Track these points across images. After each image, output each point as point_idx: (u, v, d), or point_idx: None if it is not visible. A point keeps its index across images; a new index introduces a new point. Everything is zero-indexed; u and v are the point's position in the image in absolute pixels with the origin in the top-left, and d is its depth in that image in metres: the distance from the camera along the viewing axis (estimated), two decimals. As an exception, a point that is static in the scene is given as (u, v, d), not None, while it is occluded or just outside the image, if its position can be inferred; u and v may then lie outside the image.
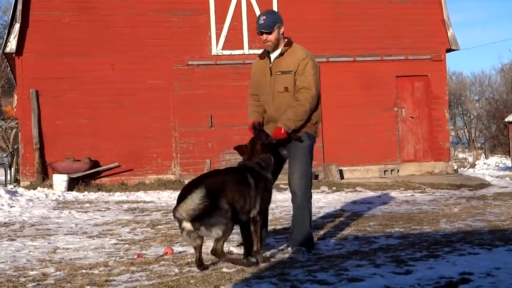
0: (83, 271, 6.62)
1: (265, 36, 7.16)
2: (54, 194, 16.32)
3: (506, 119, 30.08)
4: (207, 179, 6.45)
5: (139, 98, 19.06)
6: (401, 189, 16.49)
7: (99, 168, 18.64)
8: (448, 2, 21.09)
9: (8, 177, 20.04)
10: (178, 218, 6.17)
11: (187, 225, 6.11)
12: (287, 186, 7.77)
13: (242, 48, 19.72)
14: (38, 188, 17.15)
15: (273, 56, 7.28)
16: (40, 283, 6.11)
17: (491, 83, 47.17)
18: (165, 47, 19.31)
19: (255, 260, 6.56)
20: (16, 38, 18.31)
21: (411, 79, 21.13)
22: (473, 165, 25.85)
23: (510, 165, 26.92)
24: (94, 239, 9.07)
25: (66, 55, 18.69)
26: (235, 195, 6.37)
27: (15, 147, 22.05)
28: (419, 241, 7.97)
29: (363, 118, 20.36)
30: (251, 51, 19.19)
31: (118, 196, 16.32)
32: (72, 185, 17.49)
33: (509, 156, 29.56)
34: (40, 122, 18.53)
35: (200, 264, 6.34)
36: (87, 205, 14.13)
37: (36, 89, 18.52)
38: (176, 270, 6.44)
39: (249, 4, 19.82)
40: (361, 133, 20.29)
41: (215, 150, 19.07)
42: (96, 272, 6.57)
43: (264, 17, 7.18)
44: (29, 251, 8.05)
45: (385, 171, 20.41)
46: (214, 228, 6.11)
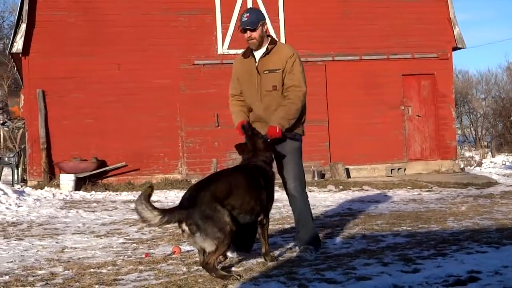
0: (91, 270, 6.64)
1: (249, 34, 7.03)
2: (61, 193, 16.36)
3: (513, 117, 29.97)
4: (215, 184, 6.23)
5: (146, 98, 19.07)
6: (408, 187, 16.48)
7: (106, 168, 18.66)
8: (454, 0, 21.09)
9: (15, 177, 20.06)
10: (180, 220, 5.98)
11: (185, 228, 5.96)
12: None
13: (248, 47, 19.70)
14: (45, 187, 17.19)
15: (258, 54, 7.15)
16: (48, 282, 6.13)
17: (497, 81, 46.97)
18: (171, 46, 19.32)
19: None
20: (23, 38, 18.34)
21: (418, 78, 21.10)
22: (479, 164, 25.72)
23: (517, 163, 26.87)
24: (101, 238, 9.09)
25: (72, 55, 18.71)
26: (245, 198, 6.25)
27: (22, 147, 22.09)
28: (427, 239, 7.97)
29: (369, 117, 20.34)
30: (257, 50, 19.16)
31: (125, 195, 16.35)
32: (79, 184, 17.52)
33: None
34: (47, 122, 18.56)
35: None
36: (94, 204, 14.15)
37: (43, 89, 18.56)
38: (184, 269, 6.44)
39: (254, 3, 19.81)
40: (367, 132, 20.27)
41: (222, 150, 19.04)
42: (104, 271, 6.58)
43: (248, 14, 7.06)
44: (37, 251, 8.08)
45: (391, 169, 20.39)
46: (208, 239, 5.91)
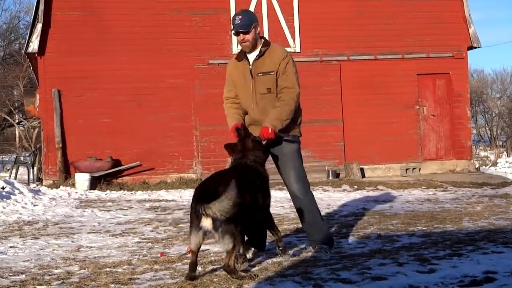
0: (107, 269, 6.65)
1: (242, 36, 6.96)
2: (76, 193, 16.43)
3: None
4: (223, 181, 6.04)
5: (161, 97, 19.12)
6: (423, 187, 16.42)
7: (120, 167, 18.72)
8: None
9: (31, 176, 20.17)
10: (204, 214, 5.74)
11: (207, 223, 5.78)
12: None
13: (262, 46, 19.70)
14: (61, 187, 17.28)
15: (251, 57, 7.09)
16: (64, 281, 6.14)
17: (512, 80, 46.81)
18: (186, 46, 19.36)
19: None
20: (38, 38, 18.43)
21: (433, 77, 21.04)
22: (494, 163, 25.59)
23: (533, 163, 26.71)
24: (117, 237, 9.11)
25: (88, 55, 18.79)
26: (246, 197, 6.18)
27: (38, 146, 22.20)
28: (442, 239, 7.94)
29: (384, 116, 20.30)
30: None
31: (140, 195, 16.39)
32: (94, 184, 17.59)
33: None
34: (62, 122, 18.64)
35: (194, 269, 6.02)
36: (110, 203, 14.19)
37: (58, 88, 18.64)
38: (200, 269, 6.44)
39: (269, 3, 19.81)
40: (382, 132, 20.23)
41: (236, 149, 19.02)
42: (120, 270, 6.60)
43: (240, 16, 6.97)
44: (53, 250, 8.10)
45: (406, 169, 20.34)
46: (227, 235, 5.79)
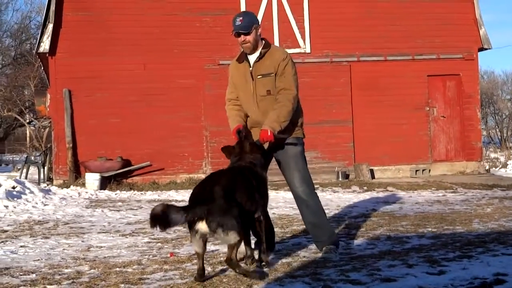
0: (117, 269, 6.67)
1: (243, 38, 7.00)
2: (86, 192, 16.46)
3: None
4: (221, 180, 6.12)
5: (171, 98, 19.16)
6: (433, 189, 16.39)
7: (130, 167, 18.77)
8: (480, 1, 20.96)
9: (42, 176, 20.22)
10: (194, 219, 5.75)
11: (202, 226, 5.76)
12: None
13: (272, 47, 19.71)
14: (71, 186, 17.34)
15: (252, 59, 7.09)
16: (74, 281, 6.16)
17: (523, 82, 46.74)
18: (196, 46, 19.40)
19: (263, 272, 6.19)
20: (49, 38, 18.50)
21: (443, 79, 21.00)
22: (505, 165, 25.54)
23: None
24: (127, 237, 9.13)
25: (98, 55, 18.86)
26: (244, 196, 6.15)
27: (48, 146, 22.25)
28: (452, 241, 7.93)
29: (394, 117, 20.28)
30: (282, 51, 19.18)
31: (149, 195, 16.41)
32: (104, 184, 17.64)
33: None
34: (72, 121, 18.70)
35: (202, 274, 6.01)
36: (120, 203, 14.22)
37: (69, 88, 18.71)
38: (209, 269, 6.46)
39: (279, 4, 19.83)
40: (392, 133, 20.22)
41: (246, 150, 19.02)
42: (129, 270, 6.61)
43: (241, 18, 7.01)
44: (63, 249, 8.13)
45: (416, 170, 20.32)
46: (231, 232, 5.77)
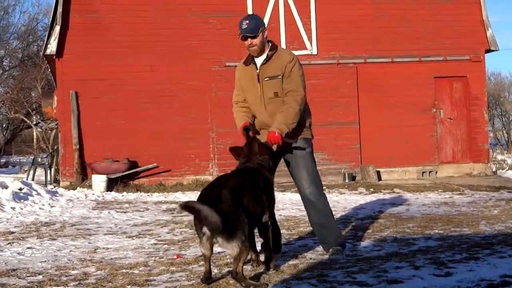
0: (124, 270, 6.68)
1: (249, 41, 7.03)
2: (93, 194, 16.49)
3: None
4: (229, 183, 6.11)
5: (177, 99, 19.18)
6: (440, 190, 16.36)
7: (137, 169, 18.79)
8: (487, 2, 20.92)
9: (48, 178, 20.26)
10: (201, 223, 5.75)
11: (207, 230, 5.72)
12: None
13: (279, 49, 19.71)
14: (78, 188, 17.36)
15: (259, 61, 7.11)
16: (81, 282, 6.17)
17: (530, 84, 46.62)
18: (203, 48, 19.41)
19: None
20: (57, 40, 18.54)
21: (450, 80, 20.97)
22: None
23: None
24: (133, 239, 9.14)
25: (105, 57, 18.89)
26: (252, 200, 6.12)
27: (55, 147, 22.29)
28: (459, 243, 7.91)
29: (401, 119, 20.27)
30: (289, 52, 19.19)
31: (156, 196, 16.42)
32: (111, 185, 17.66)
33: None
34: (79, 123, 18.73)
35: (209, 277, 5.97)
36: (126, 205, 14.23)
37: (76, 90, 18.74)
38: (216, 271, 6.46)
39: (286, 5, 19.83)
40: (398, 135, 20.20)
41: (253, 151, 18.99)
42: (136, 272, 6.62)
43: (247, 21, 7.04)
44: (70, 251, 8.14)
45: (423, 172, 20.30)
46: (232, 240, 5.69)
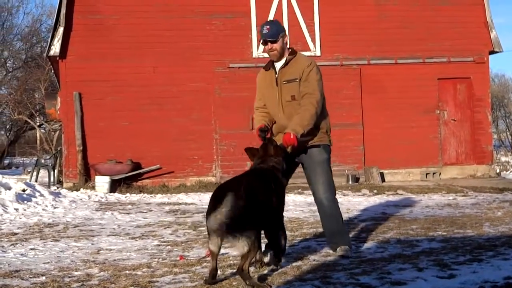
0: (127, 272, 6.67)
1: (270, 45, 7.14)
2: (96, 195, 16.50)
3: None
4: (242, 183, 6.14)
5: (181, 101, 19.20)
6: (443, 192, 16.33)
7: (140, 170, 18.80)
8: (491, 4, 20.91)
9: (52, 179, 20.28)
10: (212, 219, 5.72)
11: (218, 227, 5.68)
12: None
13: (283, 50, 19.72)
14: (81, 189, 17.38)
15: (278, 66, 7.25)
16: (84, 283, 6.17)
17: (534, 85, 46.60)
18: (206, 49, 19.41)
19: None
20: (60, 42, 18.56)
21: (453, 82, 20.96)
22: (516, 169, 25.48)
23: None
24: (136, 240, 9.13)
25: (108, 58, 18.91)
26: (263, 200, 6.16)
27: (58, 149, 22.33)
28: (462, 244, 7.89)
29: (404, 120, 20.25)
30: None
31: (159, 198, 16.42)
32: (114, 186, 17.67)
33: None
34: (83, 124, 18.75)
35: (215, 274, 5.95)
36: (129, 206, 14.23)
37: (79, 91, 18.76)
38: (219, 272, 6.45)
39: (290, 7, 19.83)
40: (402, 136, 20.18)
41: (256, 153, 18.95)
42: (139, 273, 6.61)
43: (268, 26, 7.16)
44: (73, 252, 8.13)
45: (426, 174, 20.28)
46: (241, 238, 5.69)
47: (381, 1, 20.50)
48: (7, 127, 41.61)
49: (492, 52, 21.10)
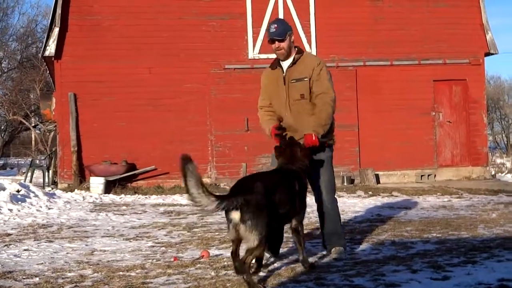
0: (120, 273, 6.66)
1: (277, 44, 7.20)
2: (91, 196, 16.47)
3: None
4: (264, 178, 6.26)
5: (176, 102, 19.18)
6: (438, 194, 16.34)
7: (135, 171, 18.77)
8: (486, 6, 20.94)
9: (46, 179, 20.25)
10: (236, 207, 5.74)
11: (236, 216, 5.75)
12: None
13: (278, 52, 19.72)
14: (76, 190, 17.35)
15: (285, 65, 7.30)
16: (77, 284, 6.16)
17: (529, 87, 46.69)
18: (202, 51, 19.39)
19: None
20: (55, 42, 18.53)
21: (449, 84, 20.97)
22: (511, 171, 25.46)
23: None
24: (131, 241, 9.12)
25: (104, 59, 18.88)
26: (284, 200, 6.20)
27: (53, 149, 22.31)
28: (457, 246, 7.90)
29: (400, 122, 20.26)
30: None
31: (154, 199, 16.40)
32: (108, 187, 17.63)
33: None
34: (78, 125, 18.72)
35: (235, 257, 5.88)
36: (124, 207, 14.21)
37: (74, 92, 18.74)
38: (213, 273, 6.45)
39: (285, 8, 19.82)
40: (397, 138, 20.19)
41: (251, 154, 19.00)
42: (133, 274, 6.60)
43: (276, 25, 7.22)
44: (67, 253, 8.12)
45: (421, 176, 20.29)
46: (254, 231, 5.73)
47: (377, 2, 20.52)
48: (2, 127, 41.51)
49: (488, 54, 21.11)
